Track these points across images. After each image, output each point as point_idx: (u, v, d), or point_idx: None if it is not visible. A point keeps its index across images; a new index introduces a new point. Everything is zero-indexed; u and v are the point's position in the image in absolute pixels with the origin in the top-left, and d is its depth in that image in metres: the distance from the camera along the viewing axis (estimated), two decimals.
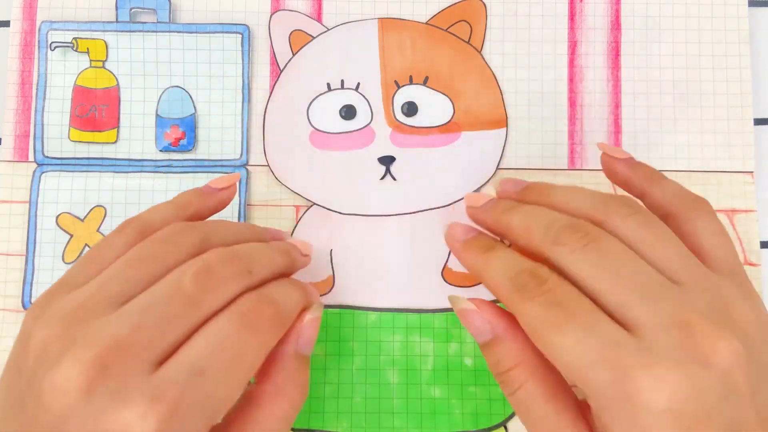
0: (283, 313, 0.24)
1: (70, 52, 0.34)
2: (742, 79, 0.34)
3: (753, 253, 0.33)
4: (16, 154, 0.34)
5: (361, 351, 0.32)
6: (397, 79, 0.34)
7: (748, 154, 0.34)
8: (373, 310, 0.33)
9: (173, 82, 0.34)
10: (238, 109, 0.34)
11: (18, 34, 0.34)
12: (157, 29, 0.34)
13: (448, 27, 0.34)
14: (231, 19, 0.35)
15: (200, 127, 0.34)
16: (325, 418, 0.32)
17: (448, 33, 0.34)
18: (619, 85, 0.34)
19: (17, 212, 0.33)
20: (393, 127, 0.34)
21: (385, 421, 0.32)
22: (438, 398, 0.32)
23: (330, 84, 0.34)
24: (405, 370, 0.32)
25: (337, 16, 0.35)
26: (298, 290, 0.26)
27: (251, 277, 0.24)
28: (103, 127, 0.34)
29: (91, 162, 0.34)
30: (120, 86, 0.34)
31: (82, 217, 0.33)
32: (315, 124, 0.34)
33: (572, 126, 0.34)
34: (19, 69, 0.34)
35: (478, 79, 0.34)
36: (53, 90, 0.34)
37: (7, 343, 0.32)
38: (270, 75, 0.34)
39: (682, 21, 0.35)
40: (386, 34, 0.34)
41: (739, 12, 0.34)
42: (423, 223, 0.33)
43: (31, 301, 0.33)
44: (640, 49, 0.35)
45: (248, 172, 0.34)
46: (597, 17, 0.35)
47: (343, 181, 0.34)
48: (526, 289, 0.23)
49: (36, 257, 0.33)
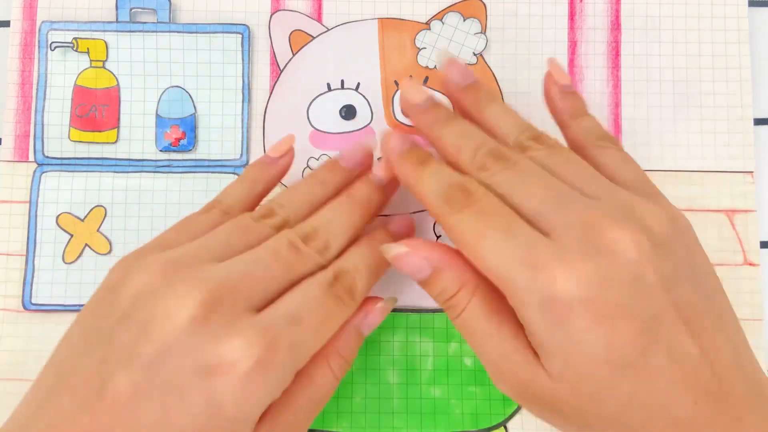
0: (358, 289, 0.27)
1: (70, 52, 0.34)
2: (742, 79, 0.34)
3: (753, 253, 0.33)
4: (16, 154, 0.34)
5: (361, 351, 0.32)
6: (397, 79, 0.34)
7: (748, 154, 0.34)
8: None
9: (173, 82, 0.34)
10: (238, 109, 0.34)
11: (18, 34, 0.34)
12: (157, 29, 0.34)
13: None
14: (231, 19, 0.35)
15: (200, 127, 0.34)
16: (325, 418, 0.32)
17: None
18: (619, 85, 0.34)
19: (17, 212, 0.33)
20: (393, 127, 0.34)
21: (385, 421, 0.32)
22: (438, 398, 0.32)
23: (330, 84, 0.34)
24: (405, 370, 0.32)
25: (337, 16, 0.35)
26: (375, 259, 0.28)
27: (330, 252, 0.27)
28: (103, 127, 0.34)
29: (91, 162, 0.34)
30: (120, 86, 0.34)
31: (82, 217, 0.33)
32: (315, 124, 0.34)
33: None
34: (19, 69, 0.34)
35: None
36: (53, 90, 0.34)
37: (8, 343, 0.33)
38: (270, 75, 0.34)
39: (682, 21, 0.35)
40: (386, 34, 0.34)
41: (739, 12, 0.34)
42: (423, 223, 0.33)
43: (32, 302, 0.33)
44: (640, 49, 0.35)
45: None
46: (597, 17, 0.35)
47: None
48: (454, 202, 0.24)
49: (36, 257, 0.33)
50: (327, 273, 0.26)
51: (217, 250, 0.25)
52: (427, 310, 0.33)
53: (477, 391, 0.32)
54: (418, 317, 0.33)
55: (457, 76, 0.29)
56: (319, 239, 0.26)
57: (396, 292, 0.33)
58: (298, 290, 0.25)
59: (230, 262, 0.25)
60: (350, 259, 0.27)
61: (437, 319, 0.33)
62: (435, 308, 0.33)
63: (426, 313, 0.33)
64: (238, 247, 0.26)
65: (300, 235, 0.26)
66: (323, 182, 0.29)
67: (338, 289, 0.26)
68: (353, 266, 0.27)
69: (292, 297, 0.25)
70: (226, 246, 0.26)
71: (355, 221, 0.28)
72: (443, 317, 0.33)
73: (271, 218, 0.27)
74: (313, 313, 0.25)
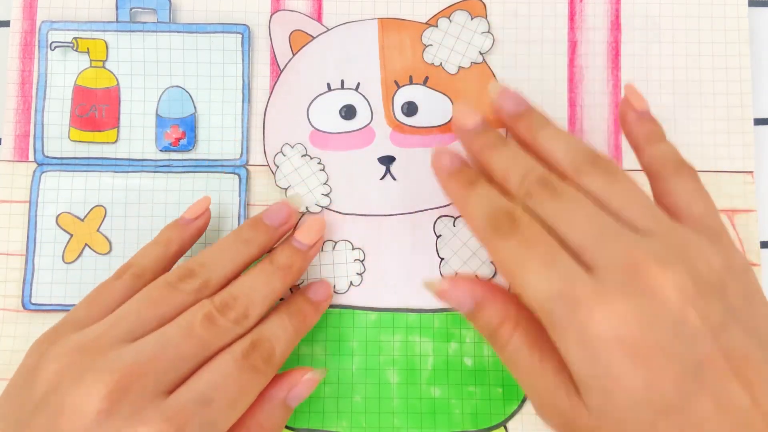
0: (276, 356, 0.27)
1: (70, 51, 0.34)
2: (742, 79, 0.34)
3: (753, 253, 0.33)
4: (16, 153, 0.34)
5: (361, 351, 0.32)
6: (397, 79, 0.34)
7: (748, 154, 0.34)
8: (372, 310, 0.33)
9: (173, 82, 0.34)
10: (238, 109, 0.34)
11: (18, 34, 0.34)
12: (157, 29, 0.34)
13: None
14: (231, 19, 0.35)
15: (200, 127, 0.34)
16: (325, 417, 0.32)
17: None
18: (619, 85, 0.34)
19: (17, 212, 0.33)
20: (393, 127, 0.34)
21: (385, 421, 0.32)
22: (438, 398, 0.32)
23: (330, 84, 0.34)
24: (405, 369, 0.32)
25: (337, 16, 0.35)
26: (293, 325, 0.28)
27: (248, 321, 0.27)
28: (103, 126, 0.34)
29: (91, 162, 0.34)
30: (120, 86, 0.34)
31: (82, 217, 0.33)
32: (315, 124, 0.34)
33: (572, 126, 0.34)
34: (19, 69, 0.34)
35: (478, 79, 0.34)
36: (53, 90, 0.34)
37: (7, 343, 0.32)
38: (270, 75, 0.34)
39: (682, 21, 0.35)
40: (386, 34, 0.34)
41: (739, 12, 0.34)
42: (423, 223, 0.33)
43: (32, 301, 0.33)
44: (640, 49, 0.35)
45: (248, 172, 0.34)
46: (597, 17, 0.35)
47: (343, 181, 0.34)
48: (500, 228, 0.24)
49: (36, 257, 0.33)
50: (244, 342, 0.26)
51: (127, 327, 0.25)
52: (427, 310, 0.33)
53: (477, 391, 0.32)
54: (418, 317, 0.33)
55: (509, 104, 0.29)
56: (237, 308, 0.26)
57: (395, 291, 0.33)
58: (209, 367, 0.25)
59: (139, 344, 0.24)
60: (269, 326, 0.27)
61: (437, 319, 0.33)
62: (435, 308, 0.33)
63: (426, 313, 0.33)
64: (151, 322, 0.26)
65: (218, 304, 0.26)
66: (246, 241, 0.29)
67: (254, 358, 0.26)
68: (272, 334, 0.27)
69: (203, 375, 0.25)
70: (137, 322, 0.25)
71: (275, 288, 0.28)
72: (443, 317, 0.33)
73: (190, 279, 0.27)
74: (225, 390, 0.24)
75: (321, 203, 0.33)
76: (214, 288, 0.28)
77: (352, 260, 0.33)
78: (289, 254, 0.29)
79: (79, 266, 0.33)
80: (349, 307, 0.33)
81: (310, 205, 0.33)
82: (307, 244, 0.30)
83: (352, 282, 0.33)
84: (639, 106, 0.28)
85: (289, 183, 0.33)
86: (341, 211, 0.33)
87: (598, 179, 0.25)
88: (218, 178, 0.34)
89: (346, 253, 0.33)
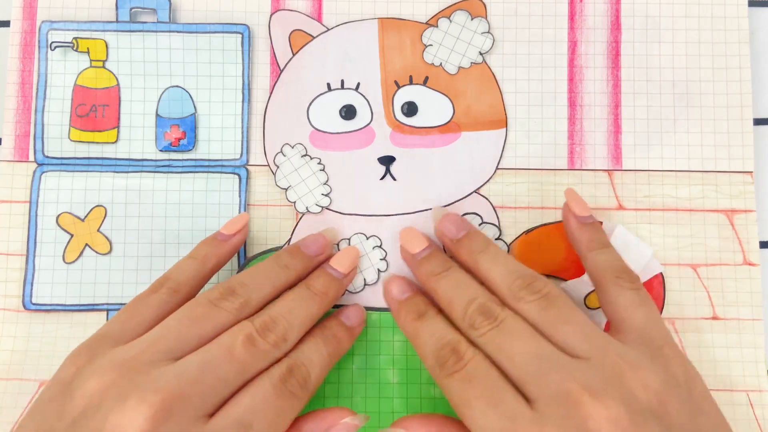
0: (312, 380, 0.27)
1: (71, 52, 0.34)
2: (742, 79, 0.34)
3: (752, 253, 0.33)
4: (16, 154, 0.34)
5: (361, 351, 0.32)
6: (397, 79, 0.34)
7: (748, 154, 0.34)
8: (373, 309, 0.33)
9: (173, 82, 0.34)
10: (238, 109, 0.34)
11: (18, 34, 0.34)
12: (157, 29, 0.34)
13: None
14: (231, 19, 0.35)
15: (200, 127, 0.34)
16: None
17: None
18: (619, 85, 0.34)
19: (17, 212, 0.33)
20: (393, 127, 0.34)
21: (385, 421, 0.32)
22: (438, 398, 0.32)
23: (330, 84, 0.34)
24: (405, 370, 0.32)
25: (337, 16, 0.35)
26: (328, 350, 0.29)
27: (287, 345, 0.27)
28: (104, 127, 0.34)
29: (92, 162, 0.34)
30: (120, 86, 0.34)
31: (82, 217, 0.33)
32: (315, 124, 0.34)
33: (572, 126, 0.34)
34: (19, 69, 0.34)
35: (477, 79, 0.34)
36: (53, 90, 0.34)
37: (8, 343, 0.33)
38: (270, 75, 0.34)
39: (682, 21, 0.35)
40: (386, 34, 0.34)
41: (739, 12, 0.34)
42: (423, 223, 0.33)
43: (32, 301, 0.33)
44: (640, 49, 0.35)
45: (248, 172, 0.34)
46: (597, 17, 0.35)
47: (343, 181, 0.34)
48: (446, 365, 0.26)
49: (36, 257, 0.33)
50: (281, 367, 0.26)
51: (168, 346, 0.25)
52: None
53: None
54: None
55: (451, 229, 0.30)
56: (277, 331, 0.27)
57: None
58: (248, 392, 0.25)
59: (182, 364, 0.24)
60: (305, 351, 0.28)
61: None
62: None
63: None
64: (191, 341, 0.26)
65: (258, 326, 0.27)
66: (285, 266, 0.30)
67: (292, 383, 0.26)
68: (307, 358, 0.27)
69: (243, 400, 0.25)
70: (178, 340, 0.26)
71: (312, 312, 0.29)
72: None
73: (232, 297, 0.27)
74: (264, 415, 0.25)
75: (321, 203, 0.33)
76: (254, 308, 0.28)
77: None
78: (325, 281, 0.30)
79: (79, 266, 0.33)
80: None
81: (310, 205, 0.33)
82: (342, 272, 0.31)
83: (366, 279, 0.33)
84: (579, 211, 0.30)
85: (289, 183, 0.34)
86: (341, 211, 0.33)
87: (533, 305, 0.26)
88: (218, 178, 0.34)
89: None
